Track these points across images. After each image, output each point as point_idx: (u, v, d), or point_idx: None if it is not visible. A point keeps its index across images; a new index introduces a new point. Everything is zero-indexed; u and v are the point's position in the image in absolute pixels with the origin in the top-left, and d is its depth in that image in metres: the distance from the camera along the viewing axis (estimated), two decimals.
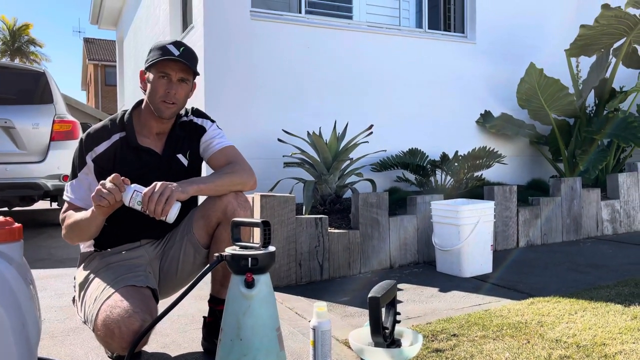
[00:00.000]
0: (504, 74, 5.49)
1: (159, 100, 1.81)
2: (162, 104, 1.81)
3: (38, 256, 4.04)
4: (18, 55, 32.73)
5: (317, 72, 4.67)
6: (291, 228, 3.05)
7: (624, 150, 5.32)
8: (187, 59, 1.80)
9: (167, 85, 1.80)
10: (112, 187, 1.58)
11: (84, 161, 1.82)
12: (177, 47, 1.81)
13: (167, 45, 1.81)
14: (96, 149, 1.82)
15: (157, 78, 1.80)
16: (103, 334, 1.55)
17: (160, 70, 1.80)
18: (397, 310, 1.74)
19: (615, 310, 2.34)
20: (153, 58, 1.80)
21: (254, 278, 1.43)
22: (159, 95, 1.80)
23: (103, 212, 1.63)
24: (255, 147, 4.30)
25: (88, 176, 1.81)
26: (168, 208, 1.57)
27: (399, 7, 5.38)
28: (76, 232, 1.76)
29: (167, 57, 1.77)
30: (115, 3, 10.42)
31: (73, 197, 1.81)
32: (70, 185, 1.83)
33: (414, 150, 4.88)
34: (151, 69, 1.82)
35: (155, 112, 1.83)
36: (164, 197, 1.57)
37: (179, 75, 1.82)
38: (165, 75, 1.80)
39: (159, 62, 1.77)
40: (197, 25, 4.54)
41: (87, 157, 1.82)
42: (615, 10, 4.53)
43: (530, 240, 4.07)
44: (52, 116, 5.10)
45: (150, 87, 1.82)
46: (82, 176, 1.82)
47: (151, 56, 1.82)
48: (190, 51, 1.85)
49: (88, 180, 1.81)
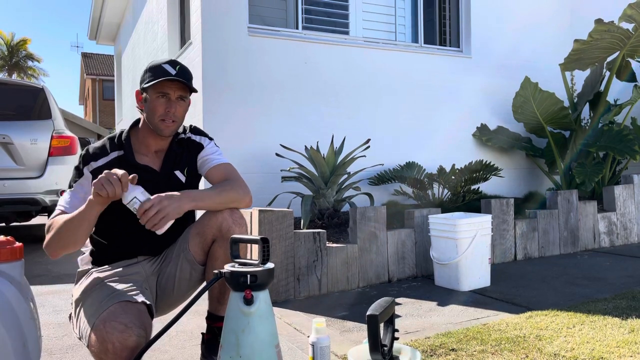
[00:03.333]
0: (499, 87, 5.54)
1: (159, 120, 1.82)
2: (161, 122, 1.83)
3: (35, 272, 4.03)
4: (16, 70, 32.80)
5: (314, 87, 4.71)
6: (289, 242, 3.06)
7: (620, 162, 5.35)
8: (183, 77, 1.83)
9: (167, 104, 1.82)
10: (116, 181, 1.59)
11: (81, 172, 1.83)
12: (173, 66, 1.83)
13: (163, 64, 1.83)
14: (93, 163, 1.83)
15: (155, 98, 1.82)
16: (97, 350, 1.54)
17: (159, 90, 1.82)
18: (395, 328, 1.74)
19: (613, 323, 2.35)
20: (150, 78, 1.82)
21: (253, 295, 1.43)
22: (158, 115, 1.82)
23: (100, 201, 1.62)
24: (253, 161, 4.32)
25: (84, 187, 1.80)
26: (160, 226, 1.62)
27: (395, 22, 5.44)
28: (63, 234, 1.68)
29: (165, 77, 1.79)
30: (114, 19, 10.50)
31: (66, 206, 1.79)
32: (65, 195, 1.83)
33: (411, 163, 4.90)
34: (149, 89, 1.84)
35: (156, 131, 1.85)
36: (158, 216, 1.61)
37: (177, 93, 1.84)
38: (164, 94, 1.82)
39: (157, 82, 1.79)
40: (195, 42, 4.58)
41: (84, 168, 1.82)
42: (608, 25, 4.59)
43: (527, 253, 4.08)
44: (50, 132, 5.12)
45: (149, 106, 1.84)
46: (78, 187, 1.81)
47: (147, 76, 1.84)
48: (185, 69, 1.87)
49: (84, 190, 1.80)
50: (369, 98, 4.94)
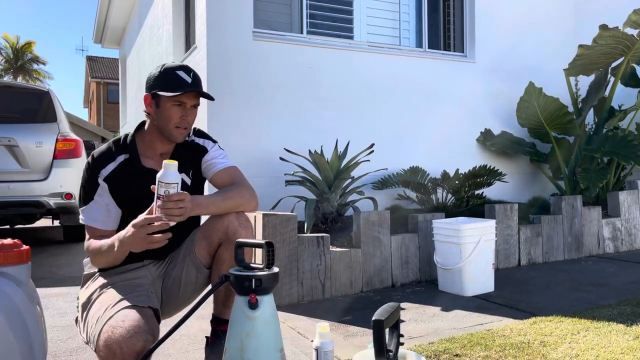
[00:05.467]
0: (503, 92, 5.54)
1: (173, 127, 1.83)
2: (176, 130, 1.84)
3: (39, 275, 4.04)
4: (21, 73, 32.96)
5: (319, 92, 4.72)
6: (293, 247, 3.06)
7: (624, 168, 5.34)
8: (199, 86, 1.84)
9: (182, 112, 1.83)
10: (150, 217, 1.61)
11: (95, 183, 1.83)
12: (188, 73, 1.83)
13: (178, 71, 1.82)
14: (103, 171, 1.84)
15: (171, 105, 1.82)
16: (105, 355, 1.55)
17: (176, 99, 1.82)
18: (400, 333, 1.74)
19: (618, 330, 2.34)
20: (165, 86, 1.81)
21: (258, 299, 1.43)
22: (173, 122, 1.83)
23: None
24: (257, 165, 4.33)
25: (103, 197, 1.82)
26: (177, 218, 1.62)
27: (399, 27, 5.45)
28: (103, 262, 1.81)
29: (185, 88, 1.80)
30: (119, 22, 10.55)
31: (93, 222, 1.83)
32: (86, 210, 1.84)
33: (415, 168, 4.90)
34: (162, 97, 1.83)
35: (168, 137, 1.86)
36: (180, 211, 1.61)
37: (192, 102, 1.85)
38: (180, 103, 1.83)
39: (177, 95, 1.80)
40: (200, 46, 4.60)
41: (98, 179, 1.83)
42: (613, 31, 4.58)
43: (531, 258, 4.07)
44: (55, 135, 5.14)
45: (163, 114, 1.83)
46: (98, 198, 1.82)
47: (161, 83, 1.82)
48: (198, 76, 1.89)
49: (105, 201, 1.82)
50: (373, 102, 4.95)
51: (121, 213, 1.85)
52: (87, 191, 1.84)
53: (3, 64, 32.96)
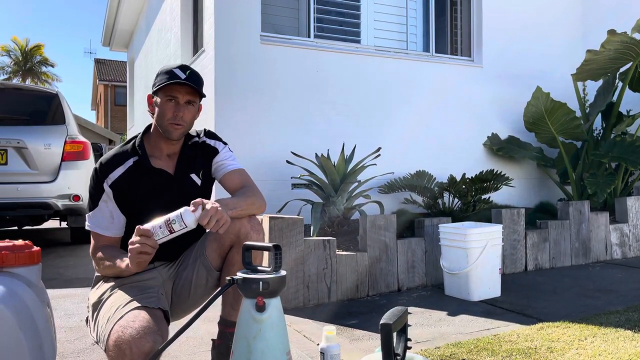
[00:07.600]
0: (510, 97, 5.53)
1: (167, 123, 1.86)
2: (170, 125, 1.86)
3: (47, 276, 4.06)
4: (29, 75, 33.22)
5: (326, 95, 4.73)
6: (299, 250, 3.07)
7: (632, 173, 5.31)
8: (193, 82, 1.86)
9: (175, 108, 1.85)
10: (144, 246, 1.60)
11: (101, 188, 1.85)
12: (184, 71, 1.87)
13: (174, 69, 1.87)
14: (111, 176, 1.85)
15: (164, 101, 1.86)
16: (115, 354, 1.57)
17: (168, 94, 1.85)
18: (408, 337, 1.74)
19: (625, 336, 2.32)
20: (160, 82, 1.85)
21: (265, 302, 1.44)
22: (167, 118, 1.86)
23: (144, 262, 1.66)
24: (263, 168, 4.34)
25: (108, 204, 1.85)
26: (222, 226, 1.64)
27: (406, 31, 5.46)
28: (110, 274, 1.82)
29: (174, 80, 1.82)
30: (128, 26, 10.61)
31: (97, 228, 1.85)
32: (91, 215, 1.86)
33: (422, 172, 4.89)
34: (158, 93, 1.87)
35: (164, 133, 1.88)
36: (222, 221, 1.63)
37: (185, 97, 1.87)
38: (172, 98, 1.85)
39: (166, 85, 1.83)
40: (208, 49, 4.63)
41: (103, 184, 1.85)
42: (621, 36, 4.57)
43: (538, 263, 4.05)
44: (63, 137, 5.18)
45: (159, 110, 1.88)
46: (102, 204, 1.85)
47: (158, 80, 1.87)
48: (196, 74, 1.90)
49: (109, 208, 1.85)
50: (379, 106, 4.95)
51: (125, 220, 1.86)
52: (92, 197, 1.87)
53: (12, 66, 33.24)
